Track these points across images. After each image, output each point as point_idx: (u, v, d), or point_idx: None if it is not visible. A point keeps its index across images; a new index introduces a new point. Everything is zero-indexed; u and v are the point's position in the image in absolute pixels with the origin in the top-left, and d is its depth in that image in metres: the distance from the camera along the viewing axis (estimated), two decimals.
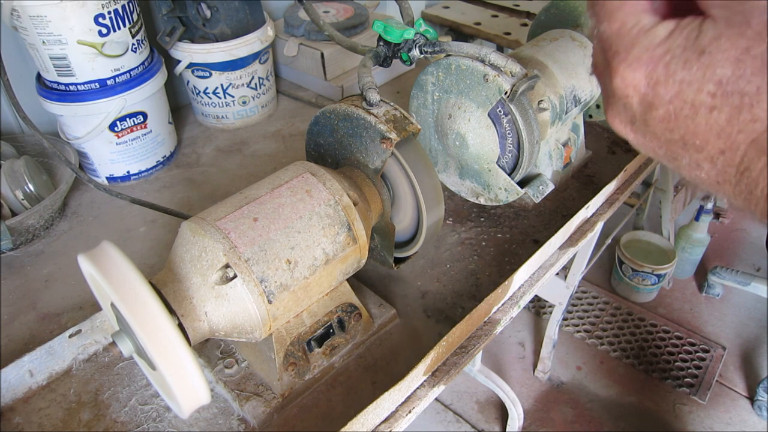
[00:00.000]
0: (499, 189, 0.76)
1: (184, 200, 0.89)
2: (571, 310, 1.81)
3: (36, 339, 0.66)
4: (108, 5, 0.79)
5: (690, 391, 1.58)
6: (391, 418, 0.56)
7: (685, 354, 1.68)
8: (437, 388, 0.59)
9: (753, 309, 1.81)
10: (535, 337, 1.73)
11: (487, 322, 0.66)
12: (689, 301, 1.84)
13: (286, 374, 0.58)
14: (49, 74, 0.81)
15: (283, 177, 0.57)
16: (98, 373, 0.62)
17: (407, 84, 1.18)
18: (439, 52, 0.66)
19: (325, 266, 0.54)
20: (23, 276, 0.75)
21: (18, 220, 0.75)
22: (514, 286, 0.69)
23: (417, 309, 0.70)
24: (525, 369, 1.65)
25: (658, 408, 1.55)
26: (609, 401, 1.56)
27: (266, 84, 1.06)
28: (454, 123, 0.73)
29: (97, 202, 0.88)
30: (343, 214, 0.55)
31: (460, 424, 1.53)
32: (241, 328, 0.51)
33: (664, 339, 1.72)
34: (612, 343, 1.71)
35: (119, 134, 0.87)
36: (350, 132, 0.60)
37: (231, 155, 0.99)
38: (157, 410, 0.59)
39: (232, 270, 0.49)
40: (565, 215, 0.83)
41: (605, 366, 1.65)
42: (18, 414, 0.59)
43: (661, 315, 1.80)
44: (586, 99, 0.80)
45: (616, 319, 1.78)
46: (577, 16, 0.85)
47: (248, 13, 0.97)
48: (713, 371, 1.63)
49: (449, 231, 0.81)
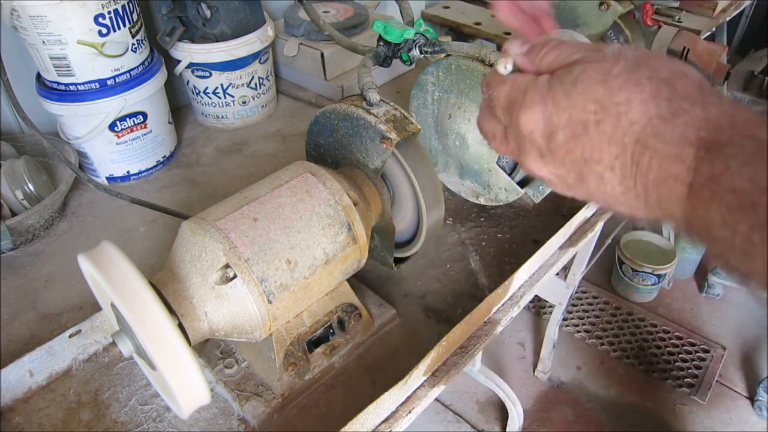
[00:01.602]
0: (499, 189, 0.76)
1: (184, 200, 0.89)
2: (571, 310, 1.81)
3: (36, 339, 0.66)
4: (108, 5, 0.78)
5: (690, 391, 1.58)
6: (391, 418, 0.56)
7: (685, 354, 1.68)
8: (437, 388, 0.59)
9: (753, 309, 1.81)
10: (535, 337, 1.73)
11: (487, 322, 0.66)
12: (689, 301, 1.84)
13: (286, 374, 0.58)
14: (49, 74, 0.81)
15: (283, 177, 0.57)
16: (98, 373, 0.62)
17: (407, 84, 1.18)
18: (439, 52, 0.66)
19: (325, 266, 0.54)
20: (23, 276, 0.75)
21: (18, 220, 0.75)
22: (514, 286, 0.69)
23: (417, 309, 0.70)
24: (525, 369, 1.65)
25: (658, 408, 1.55)
26: (609, 401, 1.56)
27: (266, 84, 1.06)
28: (454, 123, 0.73)
29: (97, 202, 0.88)
30: (343, 214, 0.55)
31: (460, 424, 1.53)
32: (241, 328, 0.51)
33: (664, 339, 1.72)
34: (612, 343, 1.71)
35: (119, 134, 0.87)
36: (350, 132, 0.60)
37: (231, 155, 0.99)
38: (157, 410, 0.59)
39: (232, 270, 0.49)
40: (565, 215, 0.83)
41: (605, 366, 1.65)
42: (18, 414, 0.59)
43: (661, 315, 1.79)
44: None
45: (616, 319, 1.78)
46: (577, 16, 0.85)
47: (248, 13, 0.97)
48: (713, 371, 1.63)
49: (449, 231, 0.81)
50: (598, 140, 0.32)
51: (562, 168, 0.35)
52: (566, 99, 0.33)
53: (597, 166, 0.33)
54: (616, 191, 0.33)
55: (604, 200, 0.35)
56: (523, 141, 0.36)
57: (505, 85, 0.37)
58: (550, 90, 0.34)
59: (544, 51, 0.37)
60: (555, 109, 0.34)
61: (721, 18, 1.32)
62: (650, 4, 1.05)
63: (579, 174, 0.34)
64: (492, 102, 0.39)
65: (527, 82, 0.36)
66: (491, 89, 0.39)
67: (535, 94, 0.35)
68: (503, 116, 0.38)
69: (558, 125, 0.34)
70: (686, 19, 1.25)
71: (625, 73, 0.32)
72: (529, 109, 0.35)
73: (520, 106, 0.35)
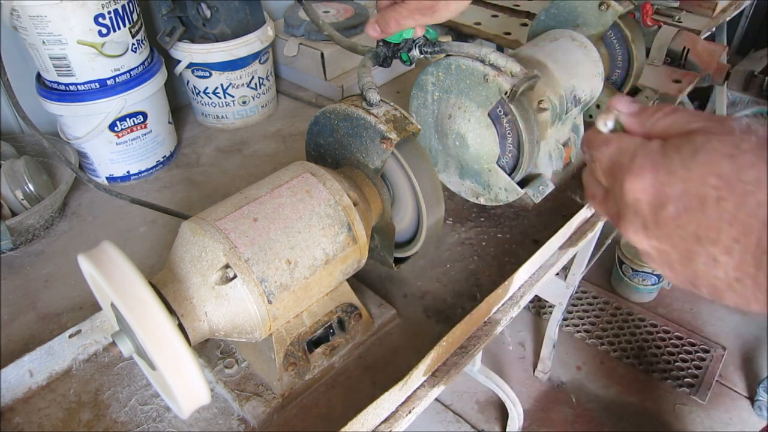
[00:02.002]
0: (499, 189, 0.76)
1: (184, 200, 0.89)
2: (571, 310, 1.81)
3: (36, 339, 0.66)
4: (108, 5, 0.79)
5: (690, 391, 1.58)
6: (391, 418, 0.56)
7: (685, 354, 1.68)
8: (437, 388, 0.59)
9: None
10: (535, 337, 1.73)
11: (487, 322, 0.66)
12: (689, 301, 1.84)
13: (286, 374, 0.58)
14: (49, 74, 0.81)
15: (283, 177, 0.57)
16: (98, 373, 0.62)
17: (407, 84, 1.18)
18: (439, 52, 0.66)
19: (325, 266, 0.54)
20: (23, 276, 0.75)
21: (18, 220, 0.75)
22: (514, 286, 0.69)
23: (417, 309, 0.70)
24: (525, 369, 1.65)
25: (658, 408, 1.55)
26: (609, 401, 1.56)
27: (266, 84, 1.06)
28: (454, 123, 0.73)
29: (97, 202, 0.88)
30: (343, 214, 0.55)
31: (460, 424, 1.53)
32: (241, 328, 0.51)
33: (665, 339, 1.72)
34: (612, 343, 1.71)
35: (119, 134, 0.87)
36: (350, 132, 0.60)
37: (231, 155, 0.99)
38: (157, 410, 0.59)
39: (232, 270, 0.49)
40: (565, 215, 0.83)
41: (605, 366, 1.65)
42: (18, 414, 0.59)
43: (661, 315, 1.80)
44: (586, 99, 0.80)
45: (616, 319, 1.78)
46: (577, 16, 0.85)
47: (248, 13, 0.97)
48: (713, 371, 1.63)
49: (449, 231, 0.81)
50: (716, 219, 0.30)
51: (667, 243, 0.32)
52: (683, 169, 0.31)
53: (711, 247, 0.30)
54: (729, 277, 0.30)
55: (711, 285, 0.32)
56: (627, 208, 0.34)
57: (609, 145, 0.35)
58: (665, 157, 0.31)
59: (658, 115, 0.34)
60: (668, 178, 0.31)
61: (721, 18, 1.32)
62: (650, 4, 1.05)
63: (687, 253, 0.32)
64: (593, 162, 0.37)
65: (636, 145, 0.33)
66: (593, 149, 0.36)
67: (645, 160, 0.32)
68: (605, 178, 0.36)
69: (670, 197, 0.31)
70: (686, 19, 1.25)
71: (756, 150, 0.29)
72: (637, 176, 0.32)
73: (627, 171, 0.33)
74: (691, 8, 1.29)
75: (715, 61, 1.14)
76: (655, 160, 0.32)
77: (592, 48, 0.80)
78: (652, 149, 0.32)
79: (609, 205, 0.36)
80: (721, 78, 1.16)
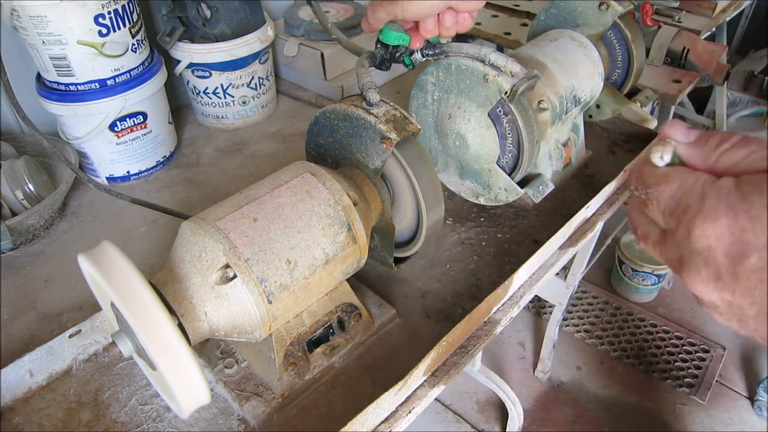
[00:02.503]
0: (499, 189, 0.76)
1: (184, 200, 0.89)
2: (571, 310, 1.81)
3: (36, 339, 0.66)
4: (108, 5, 0.79)
5: (690, 391, 1.58)
6: (391, 418, 0.56)
7: (685, 354, 1.68)
8: (437, 388, 0.59)
9: None
10: (535, 337, 1.73)
11: (487, 322, 0.66)
12: (689, 301, 1.84)
13: (286, 374, 0.58)
14: (49, 74, 0.81)
15: (283, 177, 0.57)
16: (98, 373, 0.62)
17: (407, 84, 1.18)
18: (440, 54, 0.66)
19: (325, 266, 0.54)
20: (23, 276, 0.75)
21: (18, 220, 0.75)
22: (514, 286, 0.69)
23: (417, 309, 0.70)
24: (525, 369, 1.65)
25: (658, 408, 1.55)
26: (609, 401, 1.56)
27: (266, 84, 1.06)
28: (454, 123, 0.73)
29: (97, 202, 0.88)
30: (343, 214, 0.55)
31: (460, 424, 1.53)
32: (241, 328, 0.51)
33: (664, 339, 1.72)
34: (612, 343, 1.71)
35: (119, 134, 0.87)
36: (350, 132, 0.60)
37: (231, 155, 0.99)
38: (157, 410, 0.59)
39: (232, 270, 0.49)
40: (565, 215, 0.83)
41: (605, 366, 1.65)
42: (18, 414, 0.59)
43: (661, 315, 1.79)
44: (586, 99, 0.80)
45: (616, 319, 1.78)
46: (577, 16, 0.85)
47: (248, 13, 0.97)
48: (713, 371, 1.63)
49: (449, 231, 0.81)
50: None
51: (744, 298, 0.29)
52: None
53: None
54: None
55: None
56: (695, 256, 0.30)
57: (671, 183, 0.31)
58: (743, 200, 0.27)
59: (725, 146, 0.30)
60: (750, 225, 0.27)
61: (721, 18, 1.32)
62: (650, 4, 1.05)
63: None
64: (649, 200, 0.33)
65: (703, 183, 0.30)
66: (649, 186, 0.32)
67: (719, 203, 0.28)
68: (664, 219, 0.32)
69: (753, 246, 0.27)
70: (686, 19, 1.25)
71: None
72: (711, 221, 0.28)
73: (696, 214, 0.29)
74: (691, 8, 1.29)
75: (715, 61, 1.14)
76: (731, 203, 0.28)
77: (592, 48, 0.80)
78: (726, 189, 0.28)
79: (668, 248, 0.32)
80: (721, 78, 1.16)
